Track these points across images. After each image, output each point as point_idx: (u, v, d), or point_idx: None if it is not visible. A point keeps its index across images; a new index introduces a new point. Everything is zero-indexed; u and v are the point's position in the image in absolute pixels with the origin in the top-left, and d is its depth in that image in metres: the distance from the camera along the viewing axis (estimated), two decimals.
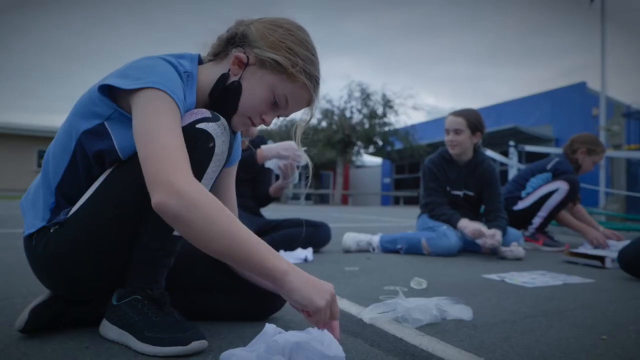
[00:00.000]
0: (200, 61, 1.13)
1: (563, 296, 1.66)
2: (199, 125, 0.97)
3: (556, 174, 3.44)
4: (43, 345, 0.99)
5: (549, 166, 3.50)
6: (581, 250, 2.80)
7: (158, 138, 0.89)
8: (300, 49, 1.06)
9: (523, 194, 3.50)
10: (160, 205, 0.86)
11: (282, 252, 2.51)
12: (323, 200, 27.04)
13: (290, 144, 2.53)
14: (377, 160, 28.71)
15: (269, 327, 0.96)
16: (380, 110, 22.75)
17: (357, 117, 22.92)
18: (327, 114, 23.02)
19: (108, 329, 1.03)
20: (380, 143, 23.47)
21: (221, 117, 1.01)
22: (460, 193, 3.05)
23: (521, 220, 3.43)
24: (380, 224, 6.40)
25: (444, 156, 3.07)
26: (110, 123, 0.99)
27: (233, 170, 1.27)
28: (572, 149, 3.56)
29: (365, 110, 22.82)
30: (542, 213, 3.37)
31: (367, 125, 22.68)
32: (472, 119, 2.96)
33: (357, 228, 5.09)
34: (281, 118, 1.17)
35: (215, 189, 1.22)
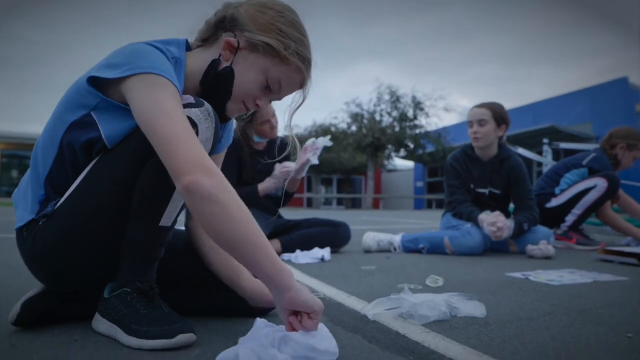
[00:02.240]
0: (189, 47, 1.10)
1: (590, 294, 1.54)
2: None
3: (593, 171, 3.25)
4: (34, 338, 0.98)
5: (585, 161, 3.31)
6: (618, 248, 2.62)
7: (175, 121, 0.88)
8: (291, 30, 1.03)
9: (556, 190, 3.31)
10: (194, 184, 0.83)
11: (298, 251, 2.47)
12: (355, 204, 26.90)
13: (275, 168, 2.62)
14: (409, 164, 28.36)
15: (260, 322, 0.92)
16: (410, 113, 22.48)
17: (386, 120, 22.72)
18: (356, 117, 22.93)
19: (99, 323, 1.01)
20: (412, 146, 23.16)
21: (205, 103, 0.98)
22: (485, 191, 2.92)
23: (554, 218, 3.25)
24: (407, 226, 6.27)
25: (467, 152, 2.96)
26: (96, 112, 0.97)
27: (220, 157, 1.25)
28: (610, 143, 3.35)
29: (395, 113, 22.60)
30: (577, 211, 3.18)
31: (397, 128, 22.44)
32: (497, 110, 2.84)
33: (381, 230, 4.99)
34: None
35: None
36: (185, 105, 0.95)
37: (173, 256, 1.13)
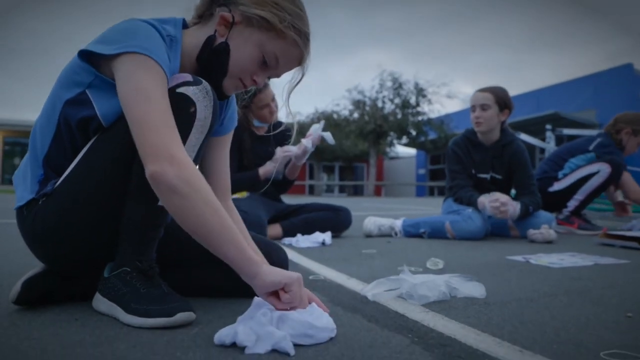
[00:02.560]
0: (186, 25, 1.09)
1: (591, 276, 1.54)
2: (179, 90, 0.94)
3: (601, 155, 3.20)
4: (35, 317, 0.98)
5: (591, 146, 3.26)
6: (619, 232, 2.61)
7: (151, 106, 0.87)
8: (286, 3, 1.01)
9: (559, 174, 3.29)
10: (158, 175, 0.84)
11: (299, 235, 2.47)
12: (357, 192, 26.91)
13: (276, 152, 2.61)
14: (412, 152, 28.29)
15: (257, 301, 0.92)
16: (413, 100, 22.36)
17: (389, 107, 22.61)
18: (358, 104, 22.82)
19: (99, 302, 1.01)
20: (414, 133, 23.08)
21: (203, 81, 0.97)
22: (486, 176, 2.91)
23: (555, 202, 3.23)
24: (409, 212, 6.27)
25: (469, 137, 2.94)
26: (91, 90, 0.96)
27: (225, 140, 1.22)
28: (615, 128, 3.30)
29: (397, 100, 22.48)
30: (579, 196, 3.16)
31: (399, 115, 22.35)
32: (500, 95, 2.81)
33: (383, 216, 4.99)
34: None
35: (204, 160, 1.18)
36: (183, 84, 0.94)
37: (173, 236, 1.13)
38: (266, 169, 2.62)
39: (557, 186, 3.24)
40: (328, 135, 2.56)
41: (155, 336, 0.87)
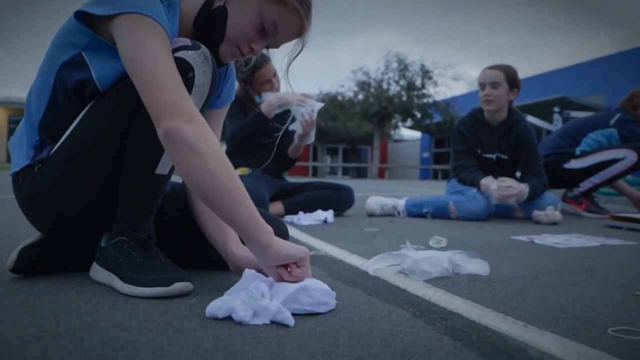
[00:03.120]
0: None
1: (597, 256, 1.51)
2: (177, 54, 0.90)
3: (624, 133, 3.08)
4: (31, 285, 0.97)
5: (612, 121, 3.14)
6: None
7: (158, 64, 0.84)
8: None
9: (577, 150, 3.17)
10: (174, 131, 0.81)
11: (301, 213, 2.45)
12: (360, 174, 26.87)
13: (294, 94, 2.42)
14: (416, 134, 28.10)
15: (249, 273, 0.90)
16: (418, 82, 22.08)
17: (394, 89, 22.35)
18: (363, 86, 22.58)
19: (96, 272, 1.00)
20: (419, 115, 22.87)
21: (202, 46, 0.93)
22: (492, 156, 2.87)
23: (569, 180, 3.14)
24: (412, 194, 6.25)
25: (476, 117, 2.89)
26: (87, 52, 0.93)
27: (219, 114, 1.19)
28: (632, 104, 3.17)
29: (402, 82, 22.20)
30: (596, 180, 3.06)
31: (404, 97, 22.10)
32: (510, 73, 2.75)
33: (386, 197, 4.97)
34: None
35: None
36: (181, 48, 0.91)
37: (171, 206, 1.11)
38: (268, 108, 2.50)
39: (574, 164, 3.12)
40: (316, 107, 2.48)
41: (152, 305, 0.85)
